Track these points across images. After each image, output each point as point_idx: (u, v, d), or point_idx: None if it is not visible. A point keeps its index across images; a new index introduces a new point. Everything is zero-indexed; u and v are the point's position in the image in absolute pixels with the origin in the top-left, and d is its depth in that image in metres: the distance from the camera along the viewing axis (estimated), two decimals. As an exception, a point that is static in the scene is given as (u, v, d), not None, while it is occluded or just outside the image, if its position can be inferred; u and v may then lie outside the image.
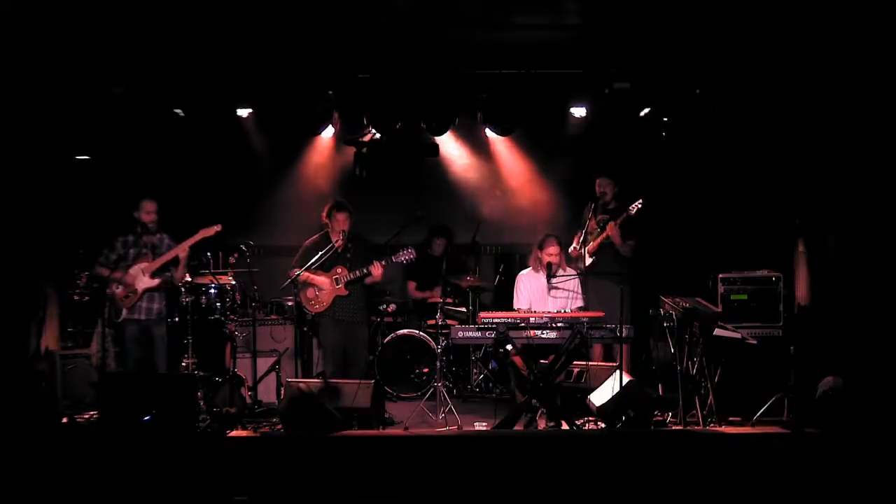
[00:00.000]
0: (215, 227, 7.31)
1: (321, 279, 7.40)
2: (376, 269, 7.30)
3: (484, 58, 7.70)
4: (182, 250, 7.27)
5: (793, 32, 7.01)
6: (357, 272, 7.33)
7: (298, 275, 7.32)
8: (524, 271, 7.60)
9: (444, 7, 6.52)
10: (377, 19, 6.79)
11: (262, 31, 7.06)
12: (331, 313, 7.43)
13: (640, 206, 7.70)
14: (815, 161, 7.84)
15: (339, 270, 7.39)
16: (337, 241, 7.37)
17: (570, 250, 8.05)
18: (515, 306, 7.52)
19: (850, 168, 7.22)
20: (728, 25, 6.89)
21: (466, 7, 6.63)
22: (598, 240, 7.94)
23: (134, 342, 7.24)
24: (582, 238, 8.16)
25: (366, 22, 6.82)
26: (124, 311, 7.20)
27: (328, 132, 8.85)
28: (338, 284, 7.38)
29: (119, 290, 7.16)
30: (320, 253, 7.36)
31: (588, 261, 8.03)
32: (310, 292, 7.43)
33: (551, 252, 7.31)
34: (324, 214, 7.51)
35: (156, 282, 7.23)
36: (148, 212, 7.28)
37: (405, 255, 7.42)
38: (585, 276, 7.82)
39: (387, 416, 7.10)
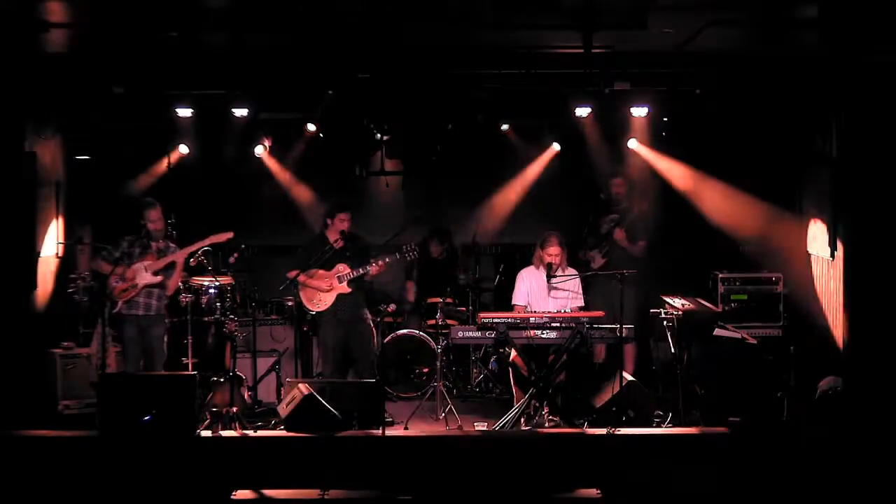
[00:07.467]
0: (227, 234, 7.27)
1: (323, 278, 7.40)
2: (374, 269, 7.31)
3: (484, 57, 7.69)
4: (187, 252, 7.24)
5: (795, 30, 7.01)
6: (360, 269, 7.33)
7: (298, 275, 7.32)
8: (526, 268, 7.59)
9: (445, 6, 6.50)
10: (377, 19, 6.77)
11: (262, 30, 7.05)
12: (332, 311, 7.42)
13: (649, 202, 7.71)
14: (816, 160, 7.85)
15: (341, 268, 7.38)
16: (336, 241, 7.37)
17: (578, 255, 8.09)
18: (514, 301, 7.51)
19: (852, 166, 7.22)
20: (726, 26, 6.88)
21: (467, 6, 6.61)
22: (607, 242, 7.99)
23: (133, 343, 7.21)
24: (588, 237, 8.19)
25: (366, 22, 6.81)
26: (120, 304, 7.14)
27: (326, 131, 8.84)
28: (341, 282, 7.37)
29: (119, 284, 7.13)
30: (320, 252, 7.36)
31: (600, 261, 8.05)
32: (311, 292, 7.42)
33: (551, 252, 7.30)
34: (325, 214, 7.53)
35: (158, 279, 7.19)
36: (152, 220, 7.18)
37: (408, 253, 7.43)
38: (586, 276, 7.82)
39: (387, 416, 7.09)
